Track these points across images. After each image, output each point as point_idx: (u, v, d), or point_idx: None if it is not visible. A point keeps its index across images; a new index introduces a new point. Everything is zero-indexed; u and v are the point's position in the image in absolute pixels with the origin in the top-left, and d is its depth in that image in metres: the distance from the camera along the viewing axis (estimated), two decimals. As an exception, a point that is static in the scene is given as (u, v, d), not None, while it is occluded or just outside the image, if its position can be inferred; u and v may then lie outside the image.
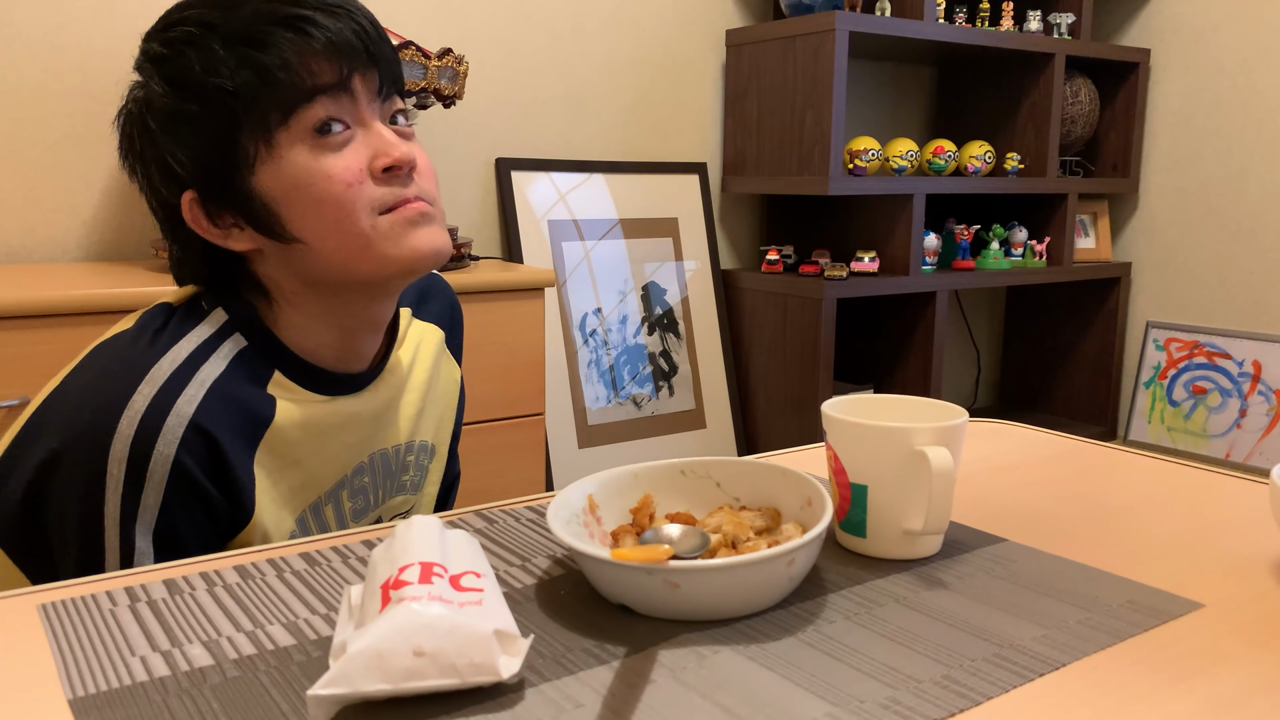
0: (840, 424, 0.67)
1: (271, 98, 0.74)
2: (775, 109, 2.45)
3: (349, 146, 0.76)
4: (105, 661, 0.53)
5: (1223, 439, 2.86)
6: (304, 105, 0.75)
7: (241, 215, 0.77)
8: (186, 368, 0.76)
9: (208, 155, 0.76)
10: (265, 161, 0.75)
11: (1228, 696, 0.50)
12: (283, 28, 0.74)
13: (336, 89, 0.76)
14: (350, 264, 0.78)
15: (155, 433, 0.72)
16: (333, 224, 0.76)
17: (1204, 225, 2.90)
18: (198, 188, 0.77)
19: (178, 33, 0.75)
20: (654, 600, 0.56)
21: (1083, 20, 2.78)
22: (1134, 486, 0.86)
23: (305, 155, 0.75)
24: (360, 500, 0.88)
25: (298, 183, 0.75)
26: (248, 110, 0.74)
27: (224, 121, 0.74)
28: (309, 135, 0.75)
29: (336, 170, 0.75)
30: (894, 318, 2.63)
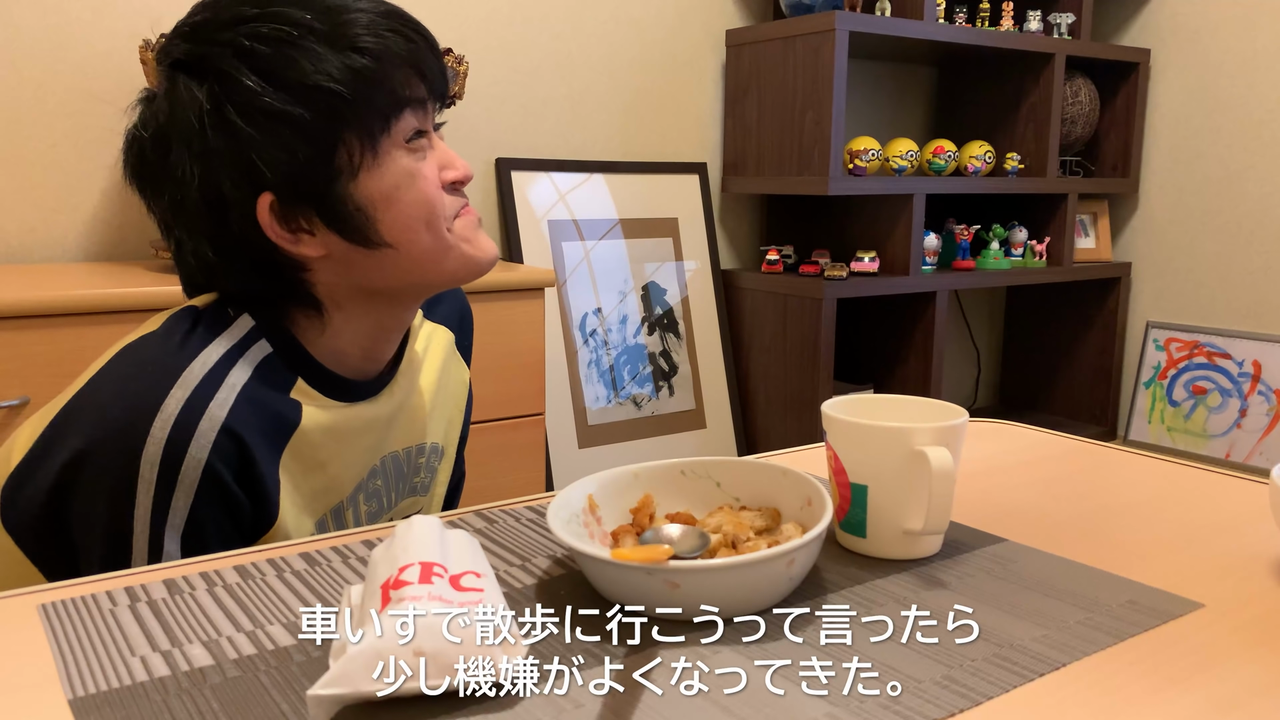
0: (840, 424, 0.67)
1: (378, 104, 0.75)
2: (775, 109, 2.45)
3: (427, 156, 0.79)
4: (105, 661, 0.53)
5: (1223, 439, 2.86)
6: (402, 114, 0.76)
7: (328, 220, 0.76)
8: (217, 371, 0.75)
9: (306, 157, 0.74)
10: (369, 167, 0.76)
11: (1228, 696, 0.50)
12: (386, 39, 0.75)
13: (419, 103, 0.78)
14: (431, 267, 0.80)
15: (189, 436, 0.71)
16: (424, 226, 0.78)
17: (1204, 225, 2.90)
18: (281, 190, 0.75)
19: (267, 29, 0.73)
20: (654, 600, 0.56)
21: (1083, 20, 2.78)
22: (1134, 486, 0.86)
23: (402, 161, 0.77)
24: (374, 503, 0.88)
25: (399, 184, 0.77)
26: (356, 114, 0.74)
27: (330, 124, 0.74)
28: (403, 143, 0.77)
29: (429, 175, 0.78)
30: (894, 318, 2.63)
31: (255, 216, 0.75)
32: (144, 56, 1.69)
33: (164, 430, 0.71)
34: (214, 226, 0.76)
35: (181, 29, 0.77)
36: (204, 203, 0.75)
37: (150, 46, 1.67)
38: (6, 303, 1.35)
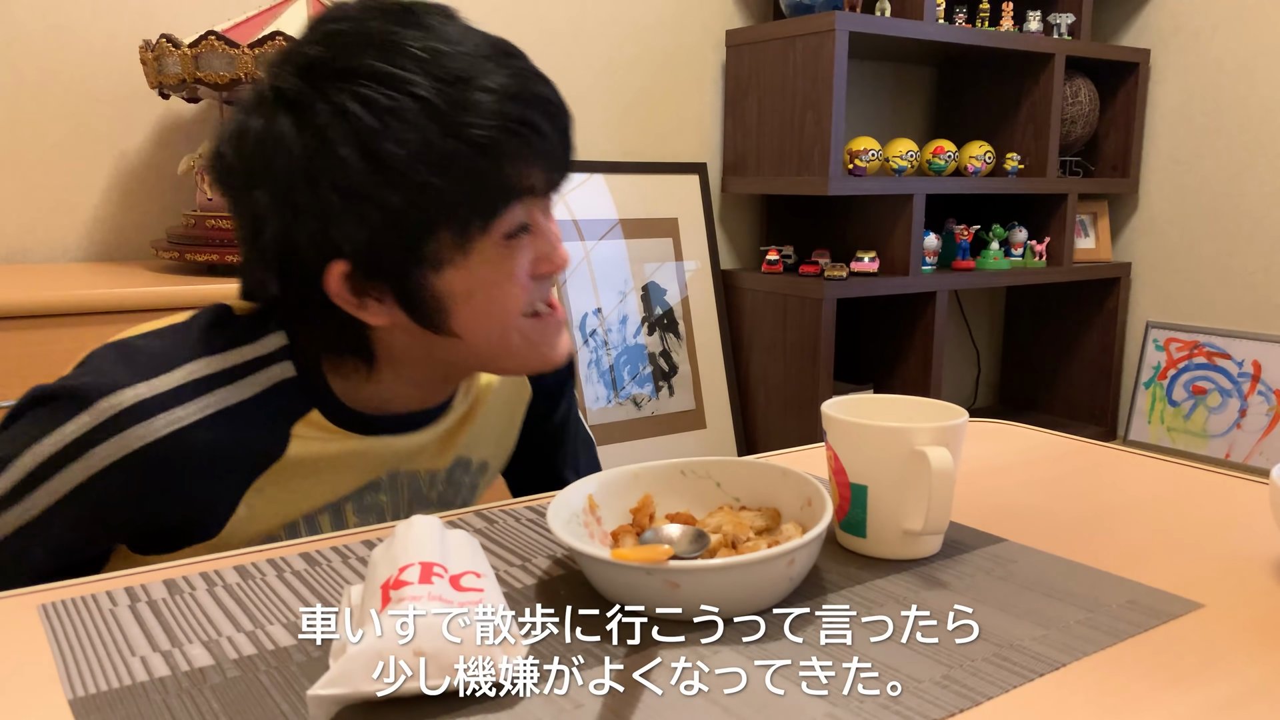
0: (840, 424, 0.67)
1: (480, 202, 0.69)
2: (775, 109, 2.45)
3: (525, 246, 0.73)
4: (105, 661, 0.53)
5: (1222, 439, 2.86)
6: (507, 209, 0.70)
7: (400, 300, 0.72)
8: (202, 385, 0.73)
9: (389, 244, 0.69)
10: (455, 263, 0.71)
11: (1228, 696, 0.50)
12: (512, 131, 0.68)
13: (531, 193, 0.72)
14: (488, 359, 0.78)
15: (113, 431, 0.69)
16: (495, 326, 0.74)
17: (1204, 225, 2.90)
18: (356, 264, 0.70)
19: (383, 96, 0.66)
20: (654, 600, 0.56)
21: (1082, 20, 2.78)
22: (1134, 486, 0.86)
23: (494, 258, 0.71)
24: (373, 517, 0.84)
25: (482, 284, 0.72)
26: (453, 211, 0.69)
27: (422, 216, 0.68)
28: (500, 238, 0.71)
29: (519, 277, 0.73)
30: (894, 318, 2.63)
31: (323, 277, 0.71)
32: (144, 57, 1.69)
33: (104, 412, 0.69)
34: (281, 267, 0.73)
35: (299, 57, 0.70)
36: (277, 245, 0.71)
37: (150, 46, 1.67)
38: (6, 303, 1.35)
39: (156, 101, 1.90)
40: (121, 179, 1.90)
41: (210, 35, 1.58)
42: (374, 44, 0.68)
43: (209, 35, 1.58)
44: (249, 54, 1.57)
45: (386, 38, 0.68)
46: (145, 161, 1.92)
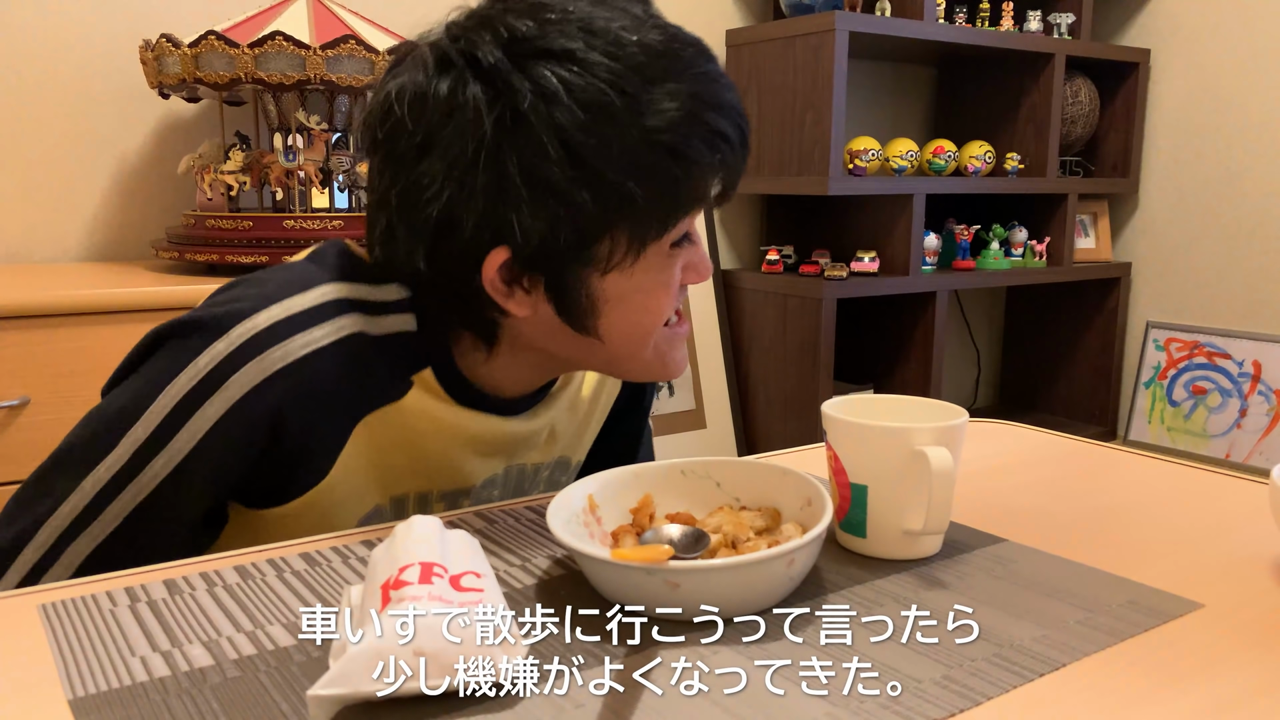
0: (840, 424, 0.67)
1: (666, 210, 0.68)
2: (775, 109, 2.45)
3: (682, 255, 0.72)
4: (105, 661, 0.53)
5: (1223, 439, 2.86)
6: (684, 219, 0.70)
7: (552, 295, 0.70)
8: (329, 310, 0.71)
9: (562, 239, 0.67)
10: (624, 268, 0.69)
11: (1227, 697, 0.50)
12: (705, 140, 0.67)
13: (703, 204, 0.70)
14: (616, 363, 0.76)
15: (252, 354, 0.68)
16: (640, 333, 0.73)
17: (1204, 225, 2.90)
18: (521, 255, 0.68)
19: (592, 88, 0.64)
20: (654, 600, 0.56)
21: (1083, 20, 2.78)
22: (1134, 487, 0.86)
23: (658, 266, 0.70)
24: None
25: (640, 290, 0.70)
26: (639, 217, 0.67)
27: (607, 217, 0.66)
28: (668, 247, 0.70)
29: (674, 284, 0.72)
30: (894, 318, 2.63)
31: (482, 262, 0.68)
32: (144, 57, 1.69)
33: (240, 337, 0.68)
34: (435, 242, 0.69)
35: (502, 26, 0.66)
36: (438, 219, 0.68)
37: (150, 46, 1.67)
38: (6, 303, 1.35)
39: (156, 101, 1.90)
40: (122, 179, 1.90)
41: (210, 35, 1.58)
42: (585, 29, 0.65)
43: (209, 35, 1.58)
44: (249, 54, 1.57)
45: (596, 24, 0.65)
46: (145, 161, 1.92)
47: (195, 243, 1.67)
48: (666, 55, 0.67)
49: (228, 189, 1.69)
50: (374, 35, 1.70)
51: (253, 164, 1.71)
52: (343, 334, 0.72)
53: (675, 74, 0.66)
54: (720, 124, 0.68)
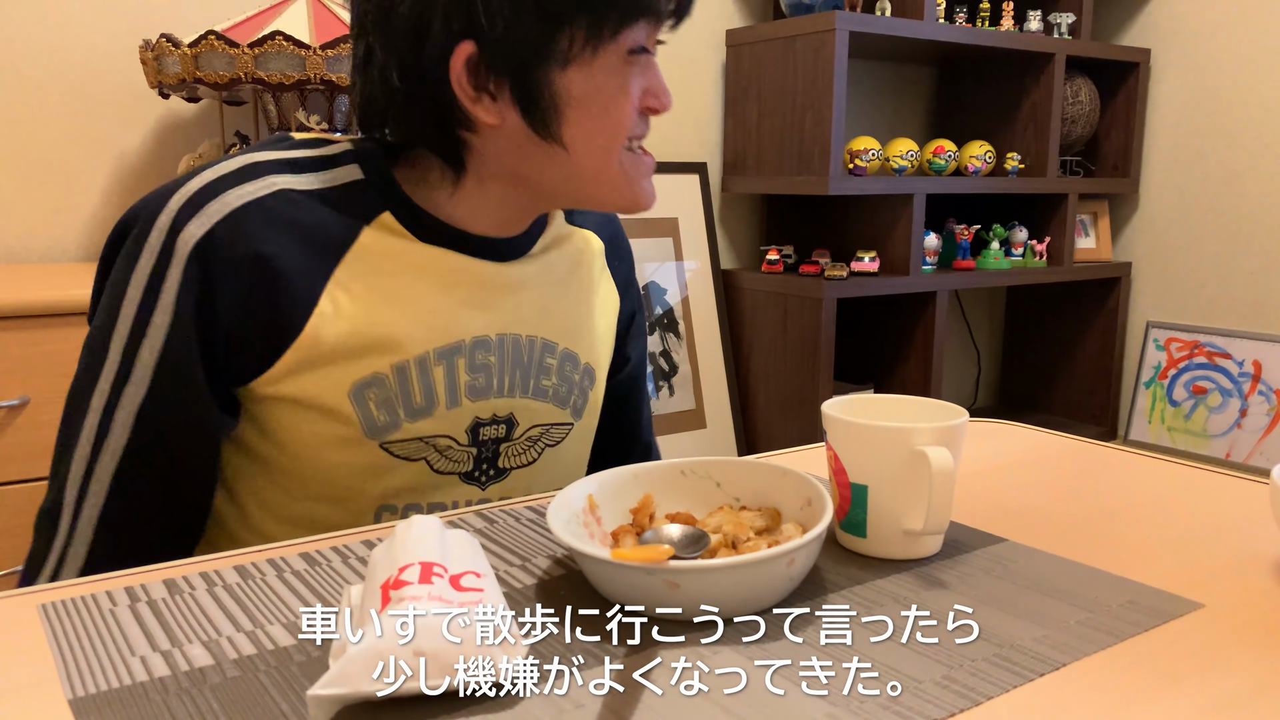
0: (840, 424, 0.67)
1: (620, 6, 0.72)
2: (775, 109, 2.45)
3: (638, 73, 0.76)
4: (105, 661, 0.53)
5: (1223, 439, 2.86)
6: (635, 23, 0.74)
7: (517, 96, 0.74)
8: (263, 168, 0.75)
9: (529, 28, 0.71)
10: (582, 62, 0.73)
11: (1228, 697, 0.50)
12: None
13: (657, 17, 0.75)
14: (590, 182, 0.78)
15: (191, 214, 0.72)
16: (602, 141, 0.76)
17: (1204, 225, 2.90)
18: (486, 46, 0.72)
19: None
20: (654, 600, 0.56)
21: (1083, 20, 2.78)
22: (1134, 487, 0.86)
23: (616, 70, 0.74)
24: (482, 378, 0.82)
25: (601, 92, 0.74)
26: (594, 7, 0.72)
27: (565, 7, 0.71)
28: (624, 53, 0.74)
29: (633, 97, 0.75)
30: (894, 318, 2.63)
31: (449, 59, 0.72)
32: (144, 56, 1.69)
33: (176, 204, 0.73)
34: (408, 52, 0.73)
35: None
36: (410, 24, 0.72)
37: (150, 46, 1.67)
38: (6, 303, 1.35)
39: (156, 101, 1.90)
40: (121, 179, 1.90)
41: (210, 35, 1.58)
42: None
43: (209, 35, 1.58)
44: (249, 53, 1.57)
45: None
46: (145, 161, 1.92)
47: (195, 243, 1.67)
48: None
49: (228, 189, 1.68)
50: (374, 35, 1.70)
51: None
52: (275, 189, 0.75)
53: None
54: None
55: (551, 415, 0.88)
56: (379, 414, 0.78)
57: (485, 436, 0.83)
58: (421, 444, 0.80)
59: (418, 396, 0.79)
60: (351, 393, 0.77)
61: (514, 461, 0.86)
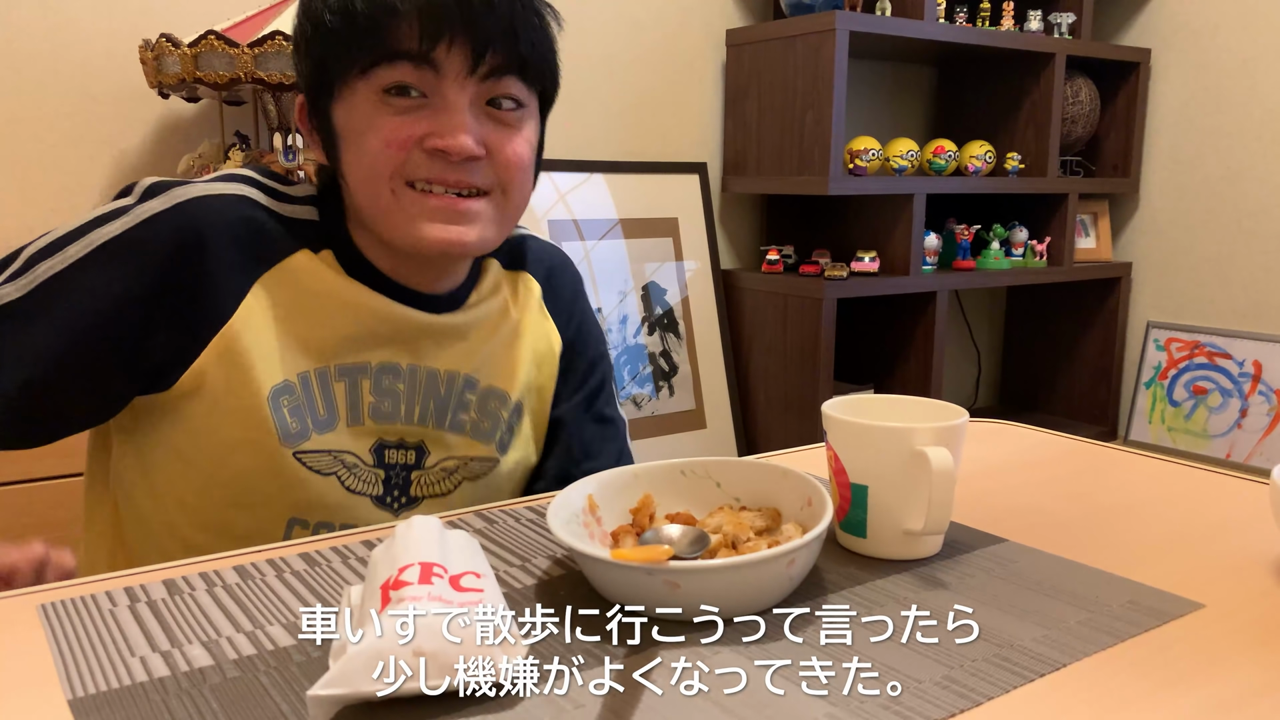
0: (840, 424, 0.67)
1: (356, 46, 0.76)
2: (775, 109, 2.45)
3: (416, 113, 0.78)
4: (105, 661, 0.53)
5: (1223, 439, 2.86)
6: (384, 64, 0.77)
7: (319, 131, 0.83)
8: (228, 180, 0.82)
9: (310, 73, 0.81)
10: (341, 98, 0.79)
11: (1228, 697, 0.50)
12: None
13: (418, 58, 0.76)
14: (371, 221, 0.81)
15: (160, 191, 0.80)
16: (364, 178, 0.79)
17: (1205, 225, 2.90)
18: (306, 96, 0.83)
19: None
20: (654, 600, 0.56)
21: (1083, 20, 2.78)
22: (1134, 487, 0.86)
23: (370, 108, 0.78)
24: (388, 403, 0.85)
25: (355, 129, 0.79)
26: (339, 51, 0.78)
27: (322, 52, 0.79)
28: (379, 90, 0.77)
29: (384, 132, 0.77)
30: (894, 318, 2.63)
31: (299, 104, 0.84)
32: (143, 56, 1.69)
33: (150, 187, 0.81)
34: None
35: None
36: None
37: (150, 46, 1.67)
38: (6, 303, 1.35)
39: (156, 101, 1.90)
40: (121, 178, 1.90)
41: (210, 35, 1.58)
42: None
43: (209, 35, 1.58)
44: (248, 53, 1.57)
45: None
46: (145, 161, 1.92)
47: (195, 242, 1.67)
48: None
49: (228, 189, 1.68)
50: (374, 35, 1.70)
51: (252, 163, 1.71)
52: (243, 193, 0.82)
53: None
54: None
55: (470, 449, 0.89)
56: (291, 421, 0.80)
57: (392, 460, 0.85)
58: (331, 458, 0.82)
59: (320, 408, 0.82)
60: (269, 396, 0.80)
61: (427, 490, 0.87)
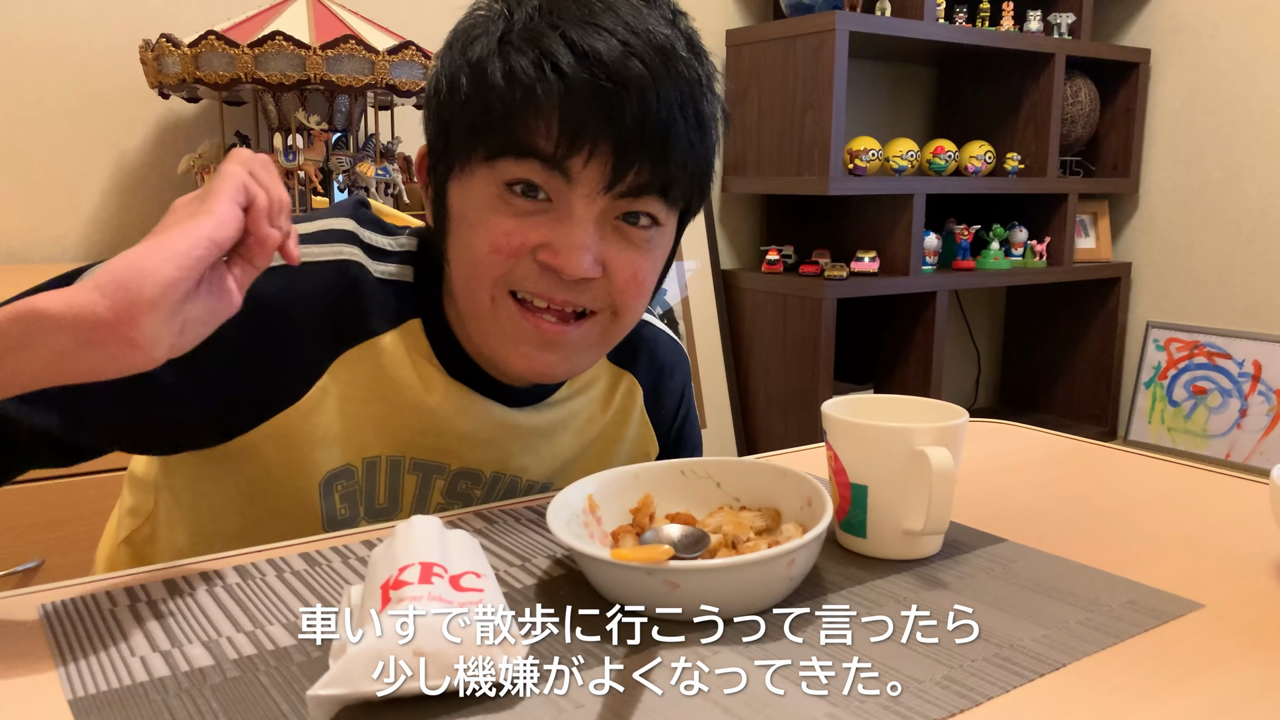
0: (840, 424, 0.67)
1: (486, 129, 0.68)
2: (775, 109, 2.45)
3: (536, 217, 0.69)
4: (105, 662, 0.53)
5: (1223, 439, 2.86)
6: (512, 157, 0.68)
7: (434, 198, 0.75)
8: (339, 235, 0.75)
9: (433, 136, 0.74)
10: (459, 177, 0.71)
11: (1227, 697, 0.50)
12: (535, 57, 0.66)
13: (550, 162, 0.67)
14: (464, 316, 0.75)
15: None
16: (466, 275, 0.72)
17: (1204, 225, 2.90)
18: (431, 148, 0.75)
19: (483, 10, 0.71)
20: (654, 600, 0.56)
21: (1083, 20, 2.78)
22: (1134, 487, 0.86)
23: (487, 199, 0.70)
24: (459, 504, 0.81)
25: (467, 216, 0.71)
26: (467, 127, 0.69)
27: (449, 120, 0.71)
28: (501, 184, 0.69)
29: (496, 235, 0.69)
30: (894, 318, 2.63)
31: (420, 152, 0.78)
32: (143, 56, 1.69)
33: None
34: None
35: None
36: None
37: (150, 46, 1.67)
38: (6, 303, 1.35)
39: (156, 101, 1.90)
40: (121, 179, 1.90)
41: (210, 35, 1.58)
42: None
43: (209, 35, 1.58)
44: (249, 53, 1.57)
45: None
46: (145, 161, 1.92)
47: (195, 243, 1.66)
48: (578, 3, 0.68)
49: (228, 189, 1.68)
50: (374, 35, 1.70)
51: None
52: (341, 258, 0.74)
53: (562, 10, 0.67)
54: (560, 55, 0.65)
55: None
56: (341, 507, 0.77)
57: None
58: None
59: (381, 496, 0.78)
60: (322, 482, 0.76)
61: None
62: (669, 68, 0.68)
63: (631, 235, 0.71)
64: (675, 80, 0.68)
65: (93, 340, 0.51)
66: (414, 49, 1.70)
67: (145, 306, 0.51)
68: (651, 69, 0.66)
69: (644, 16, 0.69)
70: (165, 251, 0.52)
